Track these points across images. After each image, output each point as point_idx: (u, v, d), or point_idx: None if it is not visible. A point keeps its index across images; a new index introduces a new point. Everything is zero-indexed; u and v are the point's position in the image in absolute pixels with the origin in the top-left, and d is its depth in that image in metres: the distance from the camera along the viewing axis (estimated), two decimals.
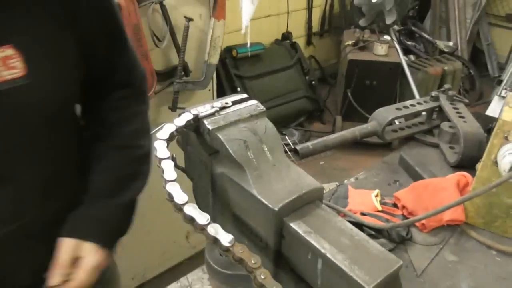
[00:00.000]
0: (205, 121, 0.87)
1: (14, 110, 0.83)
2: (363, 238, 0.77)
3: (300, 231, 0.77)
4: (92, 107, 1.06)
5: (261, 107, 0.93)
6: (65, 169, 1.00)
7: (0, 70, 0.79)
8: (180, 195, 0.75)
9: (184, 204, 0.75)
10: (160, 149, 0.83)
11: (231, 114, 0.89)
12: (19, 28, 0.82)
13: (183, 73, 2.13)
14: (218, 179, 0.89)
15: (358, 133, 1.35)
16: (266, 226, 0.82)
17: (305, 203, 0.83)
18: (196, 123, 0.89)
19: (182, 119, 0.86)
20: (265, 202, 0.79)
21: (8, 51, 0.80)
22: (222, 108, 0.91)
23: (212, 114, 0.89)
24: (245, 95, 0.97)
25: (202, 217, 0.74)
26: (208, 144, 0.88)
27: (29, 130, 0.88)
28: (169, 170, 0.79)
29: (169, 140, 0.85)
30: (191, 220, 0.74)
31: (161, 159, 0.81)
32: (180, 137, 1.00)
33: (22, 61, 0.81)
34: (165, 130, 0.85)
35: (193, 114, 0.87)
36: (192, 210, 0.74)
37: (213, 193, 0.94)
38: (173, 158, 1.04)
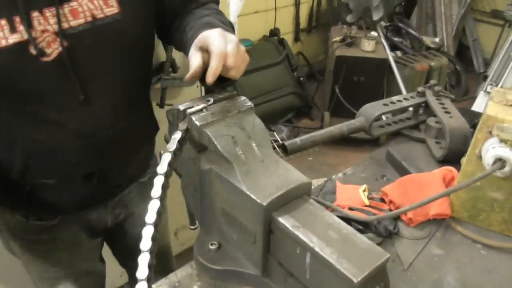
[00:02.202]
0: (193, 117, 0.87)
1: (111, 41, 1.02)
2: (351, 232, 0.78)
3: (288, 226, 0.78)
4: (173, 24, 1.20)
5: (249, 103, 0.93)
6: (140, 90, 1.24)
7: (103, 8, 0.99)
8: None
9: None
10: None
11: (219, 110, 0.89)
12: None
13: (170, 69, 2.12)
14: (207, 175, 0.89)
15: (345, 129, 1.36)
16: (255, 221, 0.82)
17: (293, 198, 0.84)
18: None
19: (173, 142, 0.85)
20: (254, 197, 0.79)
21: None
22: (210, 104, 0.91)
23: (200, 111, 0.89)
24: (233, 91, 0.97)
25: None
26: (196, 140, 0.88)
27: (118, 58, 1.06)
28: None
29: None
30: None
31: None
32: (167, 134, 1.00)
33: (117, 1, 1.01)
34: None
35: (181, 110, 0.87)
36: None
37: (201, 190, 0.94)
38: (160, 155, 1.03)
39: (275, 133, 3.94)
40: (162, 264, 1.44)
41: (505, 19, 5.41)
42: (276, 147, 2.89)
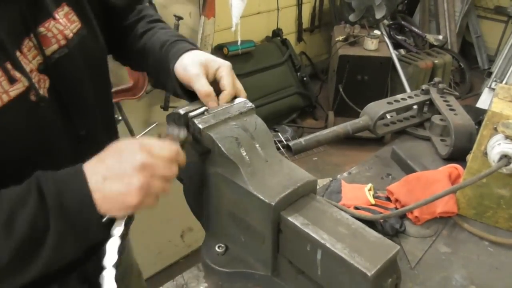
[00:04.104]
0: (196, 121, 0.87)
1: (88, 59, 0.91)
2: (360, 226, 0.79)
3: (298, 224, 0.78)
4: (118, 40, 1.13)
5: (250, 104, 0.94)
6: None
7: (68, 25, 0.87)
8: None
9: None
10: None
11: (220, 112, 0.90)
12: None
13: None
14: (212, 178, 0.90)
15: (350, 128, 1.35)
16: (263, 221, 0.82)
17: (300, 196, 0.84)
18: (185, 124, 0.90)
19: None
20: (261, 197, 0.80)
21: (66, 8, 0.88)
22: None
23: (202, 114, 0.89)
24: None
25: None
26: (199, 144, 0.88)
27: (94, 77, 0.95)
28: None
29: None
30: None
31: None
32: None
33: (76, 15, 0.90)
34: None
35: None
36: None
37: (206, 193, 0.94)
38: None
39: (279, 133, 3.94)
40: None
41: (508, 15, 5.39)
42: (281, 148, 2.89)
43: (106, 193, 0.72)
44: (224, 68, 0.96)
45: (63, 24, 0.86)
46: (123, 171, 0.72)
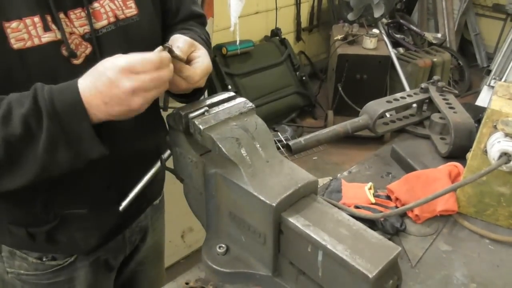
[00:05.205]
0: (196, 121, 0.87)
1: (133, 42, 1.00)
2: (361, 228, 0.78)
3: (298, 225, 0.78)
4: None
5: (250, 104, 0.93)
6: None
7: (123, 8, 0.99)
8: None
9: None
10: None
11: (220, 113, 0.89)
12: None
13: None
14: (212, 178, 0.89)
15: (349, 127, 1.35)
16: (264, 222, 0.82)
17: (301, 197, 0.84)
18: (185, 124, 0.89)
19: None
20: (262, 198, 0.79)
21: None
22: (211, 107, 0.91)
23: (202, 114, 0.89)
24: (232, 93, 0.97)
25: None
26: (199, 144, 0.88)
27: None
28: None
29: None
30: None
31: None
32: (168, 138, 1.00)
33: (135, 3, 1.02)
34: None
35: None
36: None
37: (206, 193, 0.94)
38: (161, 160, 1.04)
39: (279, 133, 3.94)
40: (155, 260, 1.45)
41: (506, 12, 5.40)
42: (281, 147, 2.89)
43: (112, 113, 0.81)
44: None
45: (117, 5, 0.98)
46: (116, 96, 0.79)
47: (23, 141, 0.79)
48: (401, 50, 4.77)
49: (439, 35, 4.92)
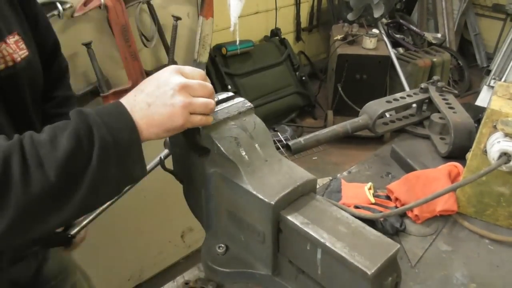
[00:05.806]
0: None
1: (28, 85, 1.01)
2: (360, 225, 0.79)
3: (297, 223, 0.78)
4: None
5: (249, 104, 0.94)
6: None
7: (17, 51, 0.97)
8: None
9: None
10: None
11: (219, 112, 0.90)
12: (16, 20, 1.02)
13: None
14: (211, 178, 0.89)
15: (349, 127, 1.35)
16: (263, 220, 0.82)
17: (300, 195, 0.84)
18: None
19: None
20: (261, 197, 0.79)
21: (16, 36, 0.98)
22: None
23: None
24: (230, 93, 0.97)
25: None
26: (198, 144, 0.88)
27: (35, 103, 1.06)
28: None
29: None
30: None
31: None
32: (167, 139, 1.00)
33: (24, 44, 1.00)
34: None
35: None
36: None
37: (206, 193, 0.94)
38: (161, 161, 1.04)
39: (278, 133, 3.94)
40: None
41: (506, 13, 5.39)
42: (280, 147, 2.89)
43: (154, 117, 0.77)
44: None
45: (13, 49, 0.96)
46: (163, 94, 0.77)
47: (74, 159, 0.71)
48: (400, 50, 4.77)
49: (439, 35, 4.92)
